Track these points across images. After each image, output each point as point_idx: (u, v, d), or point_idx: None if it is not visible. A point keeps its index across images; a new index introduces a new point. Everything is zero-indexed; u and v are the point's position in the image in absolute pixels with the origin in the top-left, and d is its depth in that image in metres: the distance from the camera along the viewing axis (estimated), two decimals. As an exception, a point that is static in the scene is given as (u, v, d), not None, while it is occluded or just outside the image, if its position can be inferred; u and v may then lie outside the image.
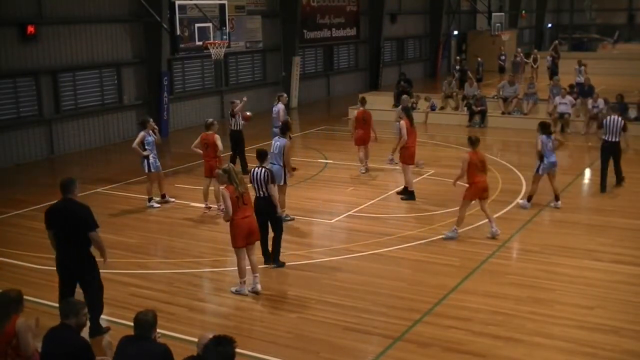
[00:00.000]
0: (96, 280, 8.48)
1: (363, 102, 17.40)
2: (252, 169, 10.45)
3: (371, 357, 7.90)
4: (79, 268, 8.32)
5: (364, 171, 16.56)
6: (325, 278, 10.19)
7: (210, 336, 5.36)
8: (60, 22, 19.26)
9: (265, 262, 10.55)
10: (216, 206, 13.46)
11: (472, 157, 11.75)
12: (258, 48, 26.51)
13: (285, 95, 17.89)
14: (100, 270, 10.58)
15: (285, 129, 12.82)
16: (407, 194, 14.27)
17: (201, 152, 13.64)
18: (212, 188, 13.52)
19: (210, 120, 13.79)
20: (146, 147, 13.65)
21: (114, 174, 16.95)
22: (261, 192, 10.26)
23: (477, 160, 11.74)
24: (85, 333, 6.56)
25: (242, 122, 16.28)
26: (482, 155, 11.98)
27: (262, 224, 10.17)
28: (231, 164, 9.85)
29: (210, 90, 25.08)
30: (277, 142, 12.47)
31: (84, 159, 19.31)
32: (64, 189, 8.28)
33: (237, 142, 16.17)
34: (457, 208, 11.96)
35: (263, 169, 10.30)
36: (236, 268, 9.74)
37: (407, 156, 14.22)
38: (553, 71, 30.55)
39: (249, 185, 10.25)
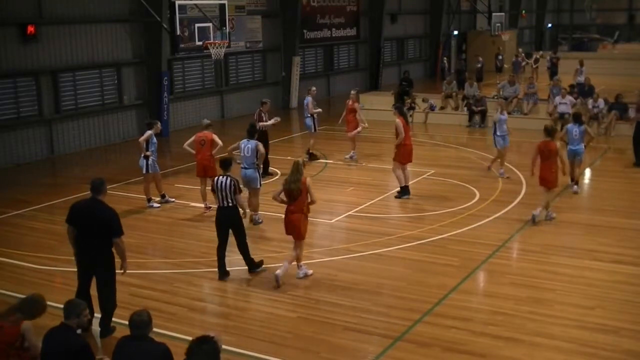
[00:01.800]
0: (112, 280, 8.44)
1: (358, 95, 18.47)
2: (216, 178, 10.14)
3: (371, 357, 7.89)
4: (96, 264, 8.30)
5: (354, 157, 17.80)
6: (325, 278, 10.19)
7: (196, 337, 5.34)
8: (60, 22, 19.25)
9: (220, 278, 10.17)
10: (215, 206, 13.43)
11: (539, 145, 12.41)
12: (258, 48, 26.52)
13: (314, 88, 18.86)
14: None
15: (253, 131, 12.77)
16: (401, 190, 14.29)
17: (193, 151, 13.60)
18: (209, 188, 13.49)
19: (208, 121, 13.92)
20: (150, 148, 13.65)
21: (114, 174, 16.93)
22: (226, 202, 9.96)
23: (545, 149, 12.31)
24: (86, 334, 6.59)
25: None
26: (551, 145, 12.35)
27: (224, 236, 10.05)
28: (305, 158, 10.14)
29: (210, 90, 25.08)
30: (248, 145, 12.43)
31: (84, 159, 19.30)
32: (93, 189, 8.28)
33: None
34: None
35: (228, 178, 9.99)
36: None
37: (402, 154, 14.25)
38: (552, 71, 30.64)
39: (213, 193, 10.35)
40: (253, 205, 12.57)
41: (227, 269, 10.28)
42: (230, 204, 9.99)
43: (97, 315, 8.41)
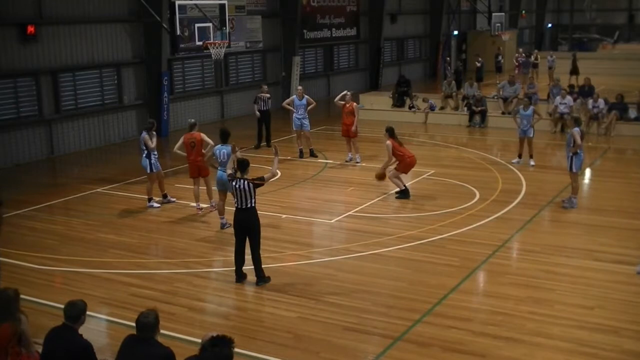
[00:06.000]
0: None
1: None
2: (235, 181, 9.90)
3: (371, 357, 7.90)
4: None
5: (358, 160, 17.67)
6: (325, 278, 10.19)
7: (212, 335, 5.36)
8: (60, 22, 19.24)
9: (237, 280, 10.01)
10: (213, 205, 13.41)
11: None
12: (258, 48, 26.51)
13: (300, 87, 19.27)
14: (100, 271, 10.66)
15: (226, 136, 12.54)
16: (401, 193, 14.31)
17: (185, 154, 13.43)
18: (203, 188, 13.46)
19: (193, 120, 13.71)
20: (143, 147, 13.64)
21: (114, 174, 16.94)
22: (244, 204, 9.74)
23: None
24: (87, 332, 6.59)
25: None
26: None
27: (240, 239, 9.88)
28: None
29: (210, 90, 25.07)
30: (224, 150, 12.30)
31: (84, 159, 19.30)
32: None
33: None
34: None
35: (246, 181, 9.77)
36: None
37: (404, 166, 14.41)
38: (573, 69, 31.01)
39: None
40: (220, 209, 12.50)
41: (226, 268, 10.27)
42: (248, 206, 9.75)
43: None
